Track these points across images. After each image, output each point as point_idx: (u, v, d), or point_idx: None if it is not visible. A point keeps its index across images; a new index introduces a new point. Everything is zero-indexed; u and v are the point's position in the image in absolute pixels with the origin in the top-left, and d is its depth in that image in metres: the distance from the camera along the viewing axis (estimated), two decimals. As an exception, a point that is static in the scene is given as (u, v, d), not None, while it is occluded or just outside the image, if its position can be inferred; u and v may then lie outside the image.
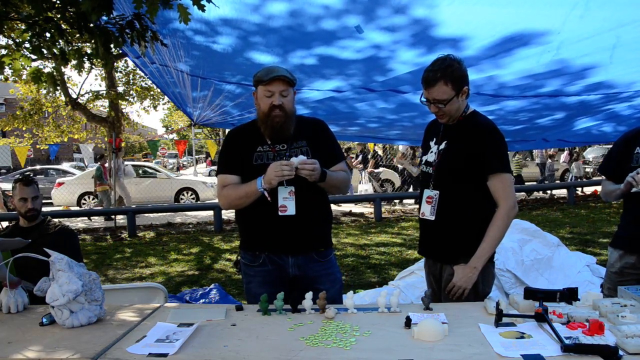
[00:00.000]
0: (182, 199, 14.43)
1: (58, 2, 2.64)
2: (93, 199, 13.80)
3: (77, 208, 13.46)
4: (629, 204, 2.62)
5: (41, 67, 10.06)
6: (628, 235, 2.61)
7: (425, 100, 2.31)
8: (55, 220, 3.18)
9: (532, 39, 3.39)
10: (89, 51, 2.78)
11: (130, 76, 13.78)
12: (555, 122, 5.61)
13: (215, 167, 11.94)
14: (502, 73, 4.02)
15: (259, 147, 2.36)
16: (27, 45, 2.69)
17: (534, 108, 5.02)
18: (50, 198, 13.57)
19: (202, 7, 2.46)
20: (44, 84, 2.87)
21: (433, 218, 2.34)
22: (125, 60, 12.66)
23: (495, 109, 4.96)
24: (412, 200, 12.79)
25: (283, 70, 2.30)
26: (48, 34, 2.54)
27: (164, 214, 12.13)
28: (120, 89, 13.51)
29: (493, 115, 5.07)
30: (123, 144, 12.89)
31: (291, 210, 2.27)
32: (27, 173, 13.49)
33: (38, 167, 19.72)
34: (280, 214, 2.27)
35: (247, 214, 2.38)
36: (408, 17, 3.23)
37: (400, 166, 14.13)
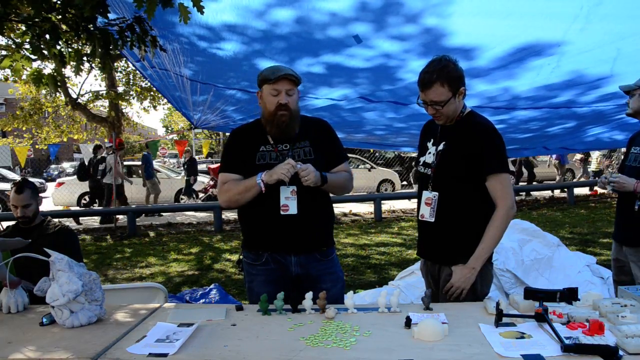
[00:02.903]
0: (182, 199, 14.41)
1: (58, 2, 2.63)
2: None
3: (77, 208, 13.45)
4: (619, 197, 2.92)
5: (42, 67, 10.05)
6: (615, 225, 2.95)
7: (421, 102, 2.29)
8: (55, 220, 3.18)
9: (542, 50, 3.36)
10: (88, 51, 2.76)
11: (130, 76, 13.76)
12: (565, 130, 5.54)
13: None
14: (515, 84, 3.98)
15: (262, 146, 2.36)
16: (27, 46, 2.68)
17: (546, 117, 4.97)
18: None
19: (201, 9, 2.45)
20: (45, 85, 2.86)
21: (433, 220, 2.33)
22: (125, 61, 12.65)
23: (506, 118, 4.91)
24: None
25: (288, 69, 2.31)
26: (48, 36, 2.53)
27: (164, 214, 12.12)
28: (121, 89, 13.49)
29: (504, 124, 5.04)
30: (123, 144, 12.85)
31: (293, 209, 2.27)
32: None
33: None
34: (282, 213, 2.27)
35: (250, 214, 2.39)
36: (419, 26, 3.19)
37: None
